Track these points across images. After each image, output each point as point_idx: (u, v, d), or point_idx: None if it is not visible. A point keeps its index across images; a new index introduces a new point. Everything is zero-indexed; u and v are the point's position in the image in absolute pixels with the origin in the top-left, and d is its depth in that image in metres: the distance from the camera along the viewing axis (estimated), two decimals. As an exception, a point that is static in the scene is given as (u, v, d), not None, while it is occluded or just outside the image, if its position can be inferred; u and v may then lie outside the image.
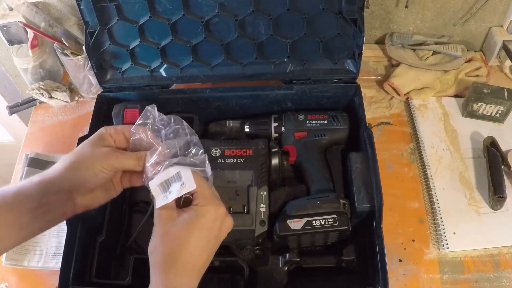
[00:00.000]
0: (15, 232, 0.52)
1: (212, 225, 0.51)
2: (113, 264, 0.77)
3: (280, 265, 0.72)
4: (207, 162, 0.55)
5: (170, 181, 0.53)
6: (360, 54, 0.81)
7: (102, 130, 0.57)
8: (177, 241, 0.49)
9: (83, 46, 0.82)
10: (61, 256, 0.67)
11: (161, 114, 0.58)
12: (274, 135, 0.84)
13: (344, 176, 0.79)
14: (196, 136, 0.57)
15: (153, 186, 0.53)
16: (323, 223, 0.68)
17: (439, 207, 0.81)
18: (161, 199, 0.52)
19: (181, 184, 0.51)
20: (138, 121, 0.58)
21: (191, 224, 0.50)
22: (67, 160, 0.54)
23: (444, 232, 0.78)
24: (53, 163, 0.89)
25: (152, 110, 0.58)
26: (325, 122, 0.82)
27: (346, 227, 0.68)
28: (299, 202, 0.72)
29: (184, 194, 0.52)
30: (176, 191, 0.51)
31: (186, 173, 0.52)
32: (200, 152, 0.55)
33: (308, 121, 0.82)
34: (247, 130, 0.85)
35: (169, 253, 0.49)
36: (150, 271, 0.49)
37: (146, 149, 0.56)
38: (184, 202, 0.53)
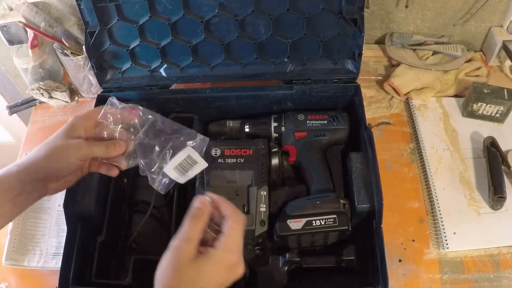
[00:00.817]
0: None
1: (225, 274, 0.51)
2: (113, 264, 0.77)
3: (280, 265, 0.72)
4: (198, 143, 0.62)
5: (183, 163, 0.61)
6: (360, 54, 0.81)
7: (73, 119, 0.63)
8: (186, 283, 0.49)
9: (83, 46, 0.82)
10: (61, 256, 0.68)
11: (122, 103, 0.66)
12: (274, 135, 0.84)
13: (344, 176, 0.79)
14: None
15: (169, 170, 0.60)
16: (323, 223, 0.68)
17: (439, 207, 0.81)
18: (183, 178, 0.60)
19: (196, 164, 0.61)
20: (104, 109, 0.64)
21: (204, 269, 0.50)
22: (42, 151, 0.60)
23: (444, 232, 0.78)
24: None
25: (114, 100, 0.65)
26: (325, 122, 0.82)
27: (346, 227, 0.68)
28: (299, 202, 0.72)
29: (199, 175, 0.59)
30: (193, 171, 0.61)
31: (195, 155, 0.60)
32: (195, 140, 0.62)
33: (308, 121, 0.82)
34: (247, 130, 0.85)
35: None
36: None
37: (109, 135, 0.64)
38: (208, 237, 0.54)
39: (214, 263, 0.50)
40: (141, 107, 0.66)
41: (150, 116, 0.65)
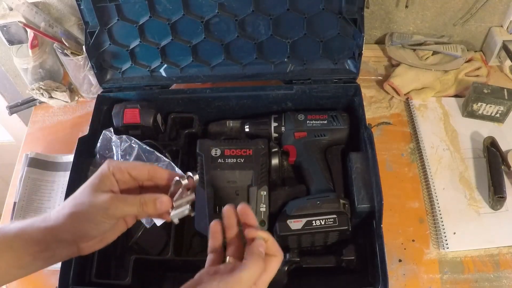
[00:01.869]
0: (14, 270, 0.51)
1: None
2: (113, 264, 0.77)
3: (280, 265, 0.72)
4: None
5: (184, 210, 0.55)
6: (360, 54, 0.81)
7: (104, 168, 0.52)
8: None
9: (83, 46, 0.82)
10: (61, 256, 0.67)
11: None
12: (274, 135, 0.84)
13: (344, 176, 0.79)
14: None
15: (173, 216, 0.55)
16: (323, 223, 0.68)
17: (439, 207, 0.81)
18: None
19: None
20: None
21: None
22: (67, 210, 0.51)
23: (444, 232, 0.78)
24: (53, 163, 0.91)
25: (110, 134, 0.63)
26: (325, 122, 0.82)
27: (346, 227, 0.68)
28: (299, 202, 0.72)
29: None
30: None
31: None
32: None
33: (308, 121, 0.82)
34: (247, 130, 0.85)
35: None
36: None
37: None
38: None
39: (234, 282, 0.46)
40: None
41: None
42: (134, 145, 0.77)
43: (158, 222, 0.72)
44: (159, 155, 0.77)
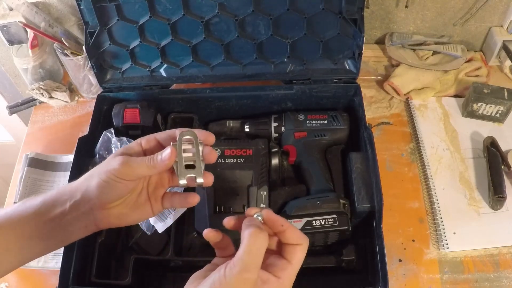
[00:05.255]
0: (38, 249, 0.52)
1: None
2: (113, 264, 0.77)
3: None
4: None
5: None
6: (360, 54, 0.81)
7: (131, 142, 0.54)
8: None
9: (83, 46, 0.82)
10: (61, 256, 0.67)
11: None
12: (274, 135, 0.84)
13: (344, 176, 0.79)
14: None
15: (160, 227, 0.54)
16: (323, 223, 0.68)
17: (439, 207, 0.81)
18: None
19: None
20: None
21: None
22: (82, 177, 0.52)
23: (444, 232, 0.78)
24: (53, 163, 0.91)
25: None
26: (325, 122, 0.82)
27: (346, 227, 0.68)
28: (299, 202, 0.72)
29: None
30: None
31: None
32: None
33: (308, 121, 0.82)
34: (247, 130, 0.85)
35: None
36: None
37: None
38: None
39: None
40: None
41: None
42: None
43: (160, 228, 0.72)
44: None
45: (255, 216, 0.47)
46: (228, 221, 0.49)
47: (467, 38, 1.04)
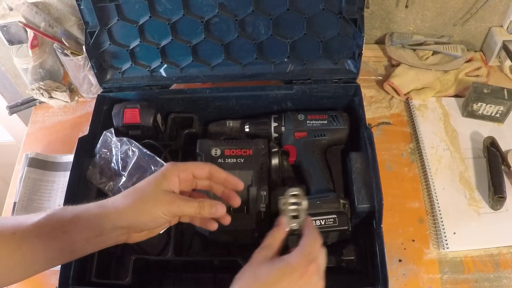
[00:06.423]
0: (67, 255, 0.55)
1: (299, 281, 0.50)
2: (113, 264, 0.77)
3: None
4: None
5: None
6: (360, 54, 0.81)
7: (169, 168, 0.56)
8: (260, 283, 0.50)
9: (83, 46, 0.82)
10: (61, 256, 0.67)
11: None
12: (274, 135, 0.84)
13: (344, 176, 0.79)
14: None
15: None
16: (323, 223, 0.68)
17: (439, 207, 0.81)
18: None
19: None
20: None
21: (276, 271, 0.50)
22: (130, 200, 0.54)
23: (444, 232, 0.78)
24: (53, 163, 0.91)
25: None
26: (325, 122, 0.82)
27: (346, 227, 0.68)
28: (299, 202, 0.72)
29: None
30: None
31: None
32: None
33: (308, 121, 0.82)
34: (247, 130, 0.85)
35: None
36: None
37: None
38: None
39: (287, 267, 0.50)
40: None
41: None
42: (134, 149, 0.77)
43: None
44: (159, 159, 0.77)
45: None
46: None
47: (467, 38, 1.04)
